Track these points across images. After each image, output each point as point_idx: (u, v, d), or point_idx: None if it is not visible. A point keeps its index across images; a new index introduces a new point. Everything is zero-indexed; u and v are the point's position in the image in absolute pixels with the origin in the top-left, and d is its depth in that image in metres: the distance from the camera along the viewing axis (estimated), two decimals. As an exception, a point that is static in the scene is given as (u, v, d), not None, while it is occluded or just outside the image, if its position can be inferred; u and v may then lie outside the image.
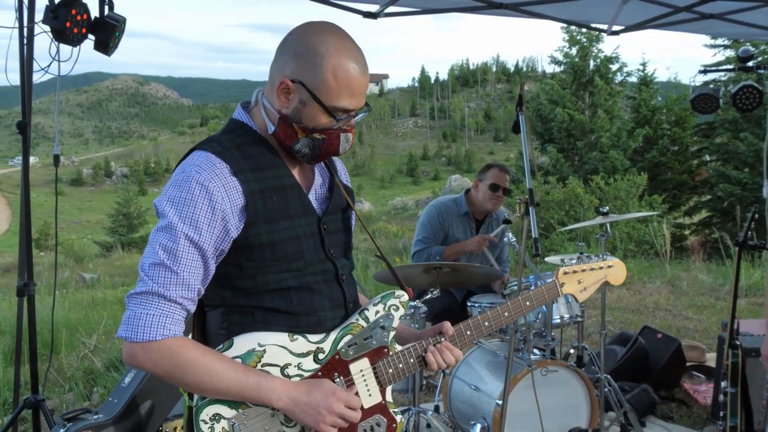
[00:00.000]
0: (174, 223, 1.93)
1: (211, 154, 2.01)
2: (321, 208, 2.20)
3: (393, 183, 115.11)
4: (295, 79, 2.01)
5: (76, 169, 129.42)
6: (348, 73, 2.01)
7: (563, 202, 17.15)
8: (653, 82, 31.05)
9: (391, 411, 2.21)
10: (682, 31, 6.13)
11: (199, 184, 1.95)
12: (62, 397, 5.94)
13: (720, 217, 25.71)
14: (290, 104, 2.04)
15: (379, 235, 30.20)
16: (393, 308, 2.24)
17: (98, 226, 73.09)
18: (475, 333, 2.35)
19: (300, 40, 2.04)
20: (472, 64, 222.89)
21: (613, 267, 2.68)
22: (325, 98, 2.01)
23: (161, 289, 1.91)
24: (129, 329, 1.90)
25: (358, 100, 2.07)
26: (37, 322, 4.52)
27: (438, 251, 5.35)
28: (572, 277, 2.58)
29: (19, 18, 4.07)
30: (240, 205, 1.99)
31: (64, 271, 20.33)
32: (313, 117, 2.04)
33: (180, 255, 1.93)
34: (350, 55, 2.03)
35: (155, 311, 1.91)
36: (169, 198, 1.97)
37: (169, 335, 1.92)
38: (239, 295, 2.07)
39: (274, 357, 2.05)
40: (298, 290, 2.10)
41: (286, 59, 2.04)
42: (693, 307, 9.18)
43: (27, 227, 4.24)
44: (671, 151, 29.24)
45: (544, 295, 2.51)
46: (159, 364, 1.93)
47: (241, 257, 2.03)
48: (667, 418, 5.37)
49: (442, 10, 5.83)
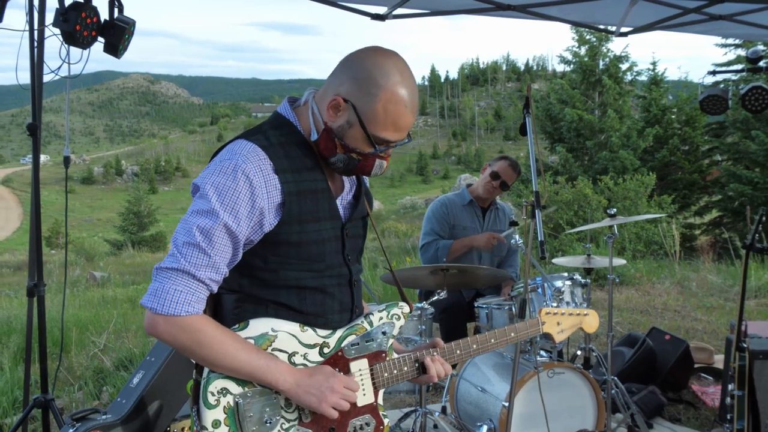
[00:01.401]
0: (216, 210, 2.01)
1: (258, 147, 2.09)
2: (346, 215, 2.30)
3: (403, 182, 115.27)
4: (348, 99, 2.09)
5: (87, 167, 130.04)
6: (398, 109, 2.09)
7: (572, 202, 17.10)
8: (663, 81, 30.89)
9: (380, 413, 2.32)
10: (690, 32, 6.11)
11: (244, 175, 2.03)
12: (72, 396, 5.97)
13: (731, 217, 25.57)
14: (337, 121, 2.12)
15: (388, 234, 30.20)
16: (395, 317, 2.37)
17: (109, 224, 73.44)
18: (463, 353, 2.50)
19: (363, 64, 2.10)
20: (483, 63, 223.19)
21: (588, 315, 2.95)
22: (371, 127, 2.09)
23: (192, 268, 2.00)
24: (155, 300, 1.99)
25: (401, 135, 2.16)
26: (48, 320, 4.57)
27: (446, 245, 5.36)
28: (552, 318, 2.86)
29: (29, 21, 4.09)
30: (277, 202, 2.08)
31: (74, 270, 20.43)
32: (355, 139, 2.12)
33: (215, 240, 2.02)
34: (405, 91, 2.09)
35: (183, 288, 2.00)
36: (214, 183, 2.04)
37: (192, 312, 2.01)
38: (257, 285, 2.16)
39: (284, 343, 2.15)
40: (313, 291, 2.20)
41: (345, 78, 2.12)
42: (702, 308, 9.15)
43: (37, 229, 4.27)
44: (682, 150, 29.07)
45: (527, 330, 2.75)
46: (178, 339, 2.02)
47: (268, 251, 2.12)
48: (675, 420, 5.36)
49: (450, 12, 5.84)
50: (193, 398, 2.13)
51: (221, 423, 2.06)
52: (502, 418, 4.16)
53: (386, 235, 29.94)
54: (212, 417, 2.06)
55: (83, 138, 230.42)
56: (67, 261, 6.17)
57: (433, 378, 2.36)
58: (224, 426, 2.07)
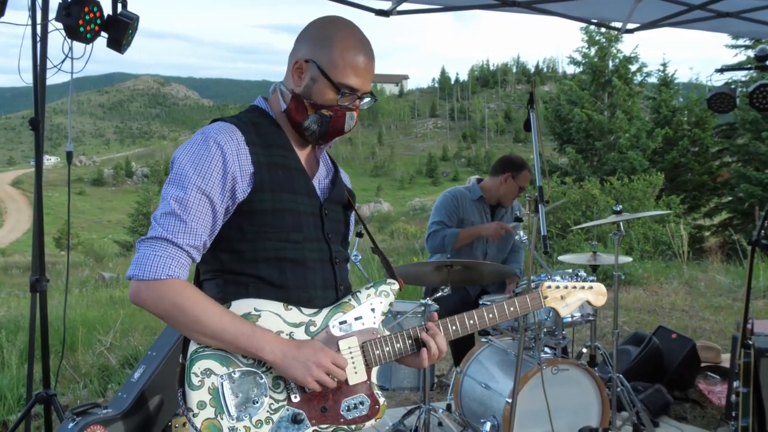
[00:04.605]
0: (188, 174, 2.08)
1: (230, 123, 2.20)
2: (323, 195, 2.34)
3: (412, 183, 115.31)
4: (308, 59, 2.22)
5: (97, 169, 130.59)
6: (354, 54, 2.22)
7: (579, 202, 17.05)
8: (674, 82, 30.83)
9: (375, 392, 2.27)
10: (697, 29, 6.10)
11: (216, 143, 2.12)
12: (77, 394, 5.98)
13: (740, 218, 25.49)
14: (302, 82, 2.23)
15: (397, 236, 30.24)
16: (384, 294, 2.35)
17: (119, 225, 73.69)
18: (460, 329, 2.42)
19: (314, 26, 2.27)
20: (492, 64, 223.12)
21: (594, 288, 2.82)
22: (333, 74, 2.19)
23: (170, 235, 2.05)
24: (136, 268, 2.03)
25: (363, 82, 2.25)
26: (55, 319, 4.57)
27: (453, 233, 5.32)
28: (555, 292, 2.73)
29: (32, 16, 4.10)
30: (249, 171, 2.14)
31: (83, 270, 20.53)
32: (321, 93, 2.21)
33: (190, 205, 2.07)
34: (358, 41, 2.24)
35: (162, 253, 2.04)
36: (187, 152, 2.12)
37: (173, 276, 2.04)
38: (237, 260, 2.18)
39: (269, 323, 2.14)
40: (293, 263, 2.20)
41: (301, 44, 2.27)
42: (710, 308, 9.12)
43: (39, 224, 4.27)
44: (691, 152, 29.01)
45: (528, 304, 2.63)
46: (159, 303, 2.05)
47: (243, 221, 2.16)
48: (681, 419, 5.33)
49: (455, 8, 5.84)
50: (178, 381, 2.12)
51: (207, 404, 2.05)
52: (506, 415, 4.14)
53: (395, 236, 29.99)
54: (197, 398, 2.05)
55: (93, 140, 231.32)
56: (69, 259, 6.18)
57: (432, 355, 2.31)
58: (210, 407, 2.06)
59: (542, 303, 2.68)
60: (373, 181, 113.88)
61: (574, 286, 2.78)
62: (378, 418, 2.27)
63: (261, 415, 2.11)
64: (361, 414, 2.23)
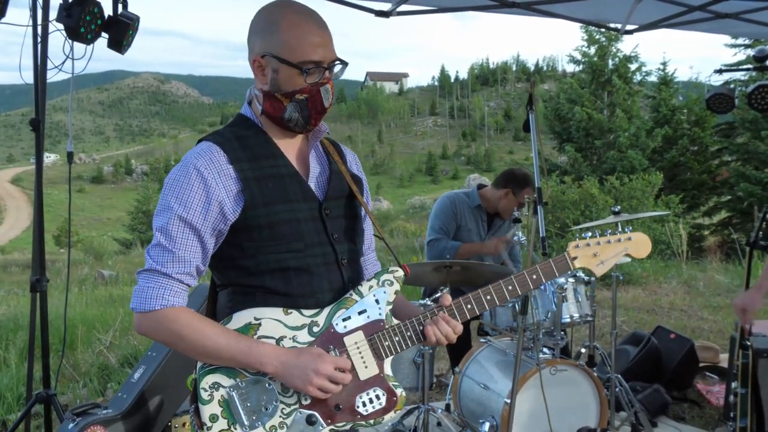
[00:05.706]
0: (170, 205, 2.11)
1: (212, 143, 2.19)
2: (322, 194, 2.29)
3: (412, 182, 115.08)
4: (263, 54, 2.17)
5: (97, 166, 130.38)
6: (303, 27, 2.14)
7: (578, 202, 17.03)
8: (673, 81, 30.80)
9: (390, 384, 2.24)
10: (697, 30, 6.10)
11: (195, 170, 2.12)
12: (76, 393, 5.99)
13: (740, 217, 25.49)
14: (267, 78, 2.19)
15: (397, 234, 30.18)
16: (387, 283, 2.29)
17: (118, 223, 73.55)
18: (476, 307, 2.33)
19: (257, 20, 2.22)
20: (492, 63, 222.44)
21: (633, 239, 2.51)
22: (290, 56, 2.13)
23: (159, 267, 2.10)
24: (135, 301, 2.10)
25: (324, 52, 2.17)
26: (54, 318, 4.57)
27: (454, 246, 5.30)
28: (586, 251, 2.44)
29: (33, 16, 4.11)
30: (235, 190, 2.14)
31: (83, 268, 20.49)
32: (288, 79, 2.16)
33: (174, 235, 2.11)
34: (301, 14, 2.16)
35: (155, 285, 2.09)
36: (170, 180, 2.15)
37: (167, 305, 2.09)
38: (242, 275, 2.20)
39: (270, 330, 2.16)
40: (297, 271, 2.20)
41: (252, 42, 2.22)
42: (709, 307, 9.12)
43: (39, 224, 4.28)
44: (691, 151, 28.98)
45: (553, 270, 2.39)
46: (159, 331, 2.12)
47: (241, 238, 2.17)
48: (679, 419, 5.34)
49: (454, 8, 5.84)
50: (191, 397, 2.17)
51: (218, 417, 2.10)
52: (505, 415, 4.15)
53: (395, 234, 29.93)
54: (209, 412, 2.09)
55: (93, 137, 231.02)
56: (70, 258, 6.18)
57: (439, 340, 2.26)
58: (222, 419, 2.10)
59: (570, 265, 2.42)
60: (373, 179, 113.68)
61: (608, 240, 2.48)
62: (398, 409, 2.24)
63: (274, 421, 2.13)
64: (379, 408, 2.22)
